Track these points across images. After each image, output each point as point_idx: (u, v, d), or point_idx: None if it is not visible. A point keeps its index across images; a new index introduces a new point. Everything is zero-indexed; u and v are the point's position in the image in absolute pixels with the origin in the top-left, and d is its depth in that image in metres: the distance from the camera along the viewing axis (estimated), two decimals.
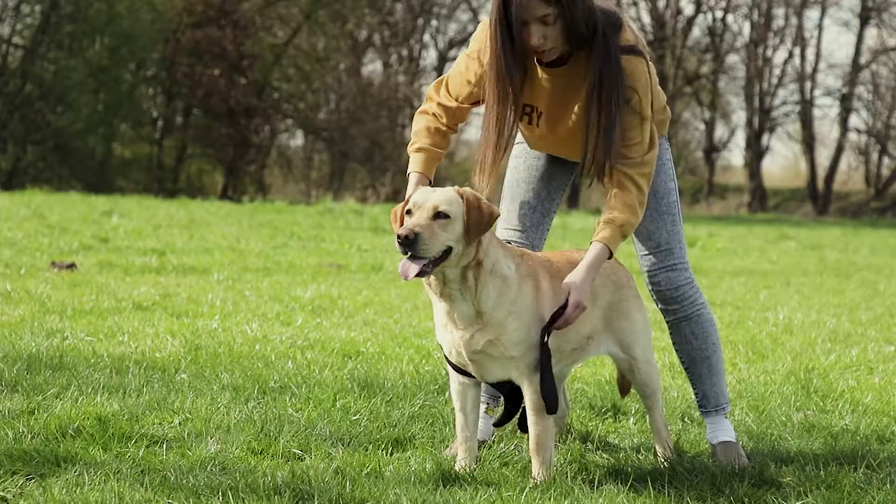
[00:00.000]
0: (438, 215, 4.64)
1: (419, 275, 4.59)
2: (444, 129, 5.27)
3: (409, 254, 4.59)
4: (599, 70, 4.90)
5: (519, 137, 5.61)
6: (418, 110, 5.33)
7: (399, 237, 4.56)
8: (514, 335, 4.77)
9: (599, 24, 4.90)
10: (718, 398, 5.48)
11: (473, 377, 5.01)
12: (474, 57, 5.16)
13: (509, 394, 5.07)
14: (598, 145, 4.95)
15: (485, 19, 5.13)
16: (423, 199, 4.71)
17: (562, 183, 5.56)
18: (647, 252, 5.40)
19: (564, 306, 4.82)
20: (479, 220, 4.68)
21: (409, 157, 5.25)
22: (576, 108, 5.07)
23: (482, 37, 5.13)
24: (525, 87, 5.13)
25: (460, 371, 5.00)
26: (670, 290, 5.35)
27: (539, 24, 4.85)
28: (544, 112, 5.15)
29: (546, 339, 4.80)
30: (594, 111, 4.94)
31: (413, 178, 5.15)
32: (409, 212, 4.73)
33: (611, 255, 4.97)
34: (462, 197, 4.71)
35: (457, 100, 5.24)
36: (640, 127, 4.98)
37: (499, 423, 5.18)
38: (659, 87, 5.33)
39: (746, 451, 5.44)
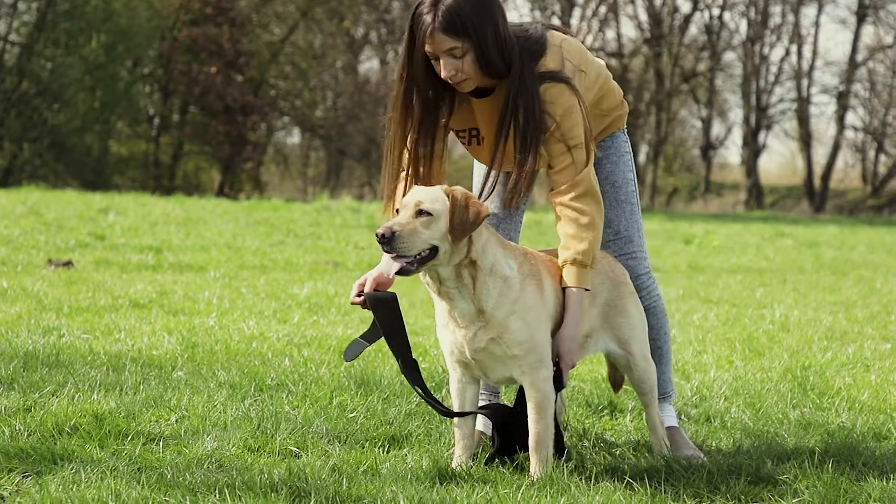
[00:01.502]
0: (421, 213, 4.65)
1: (400, 272, 4.61)
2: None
3: (388, 251, 4.61)
4: (514, 100, 4.91)
5: None
6: None
7: (377, 235, 4.59)
8: (516, 334, 4.77)
9: (515, 52, 4.91)
10: (665, 386, 5.62)
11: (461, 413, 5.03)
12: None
13: (499, 428, 5.08)
14: (516, 174, 5.02)
15: None
16: (410, 198, 4.72)
17: None
18: (605, 240, 5.47)
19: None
20: (463, 220, 4.66)
21: None
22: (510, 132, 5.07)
23: None
24: (460, 116, 5.15)
25: (450, 413, 5.02)
26: (630, 279, 5.40)
27: (449, 57, 4.85)
28: (485, 136, 5.18)
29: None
30: (511, 140, 4.97)
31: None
32: (398, 212, 4.74)
33: (587, 289, 5.01)
34: (449, 196, 4.70)
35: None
36: (566, 152, 4.97)
37: (489, 460, 5.11)
38: (613, 83, 5.36)
39: (743, 448, 5.46)
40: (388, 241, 4.57)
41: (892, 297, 13.80)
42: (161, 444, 5.09)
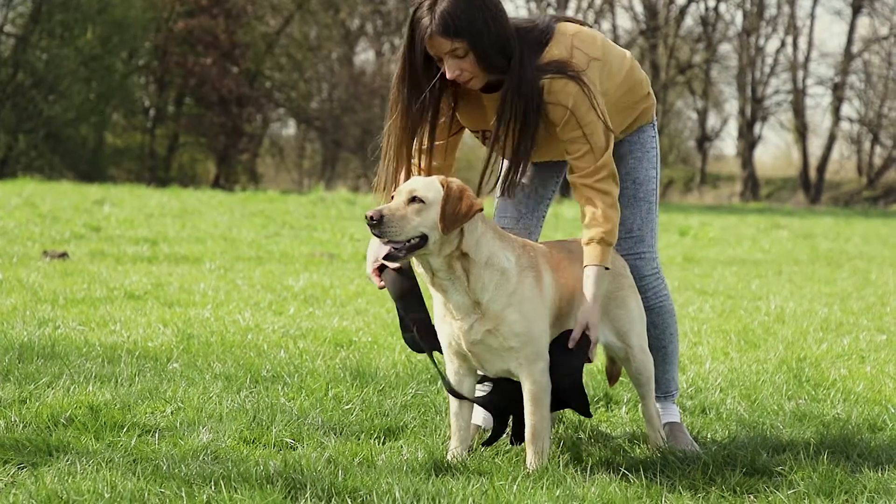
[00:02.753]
0: (413, 200, 4.66)
1: (388, 258, 4.62)
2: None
3: (379, 236, 4.62)
4: (513, 92, 4.93)
5: None
6: None
7: (366, 217, 4.60)
8: (513, 326, 4.77)
9: (515, 47, 4.91)
10: (669, 385, 5.61)
11: (465, 397, 5.03)
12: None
13: (496, 414, 5.10)
14: (512, 162, 5.05)
15: None
16: (405, 185, 4.74)
17: (555, 170, 5.57)
18: (617, 237, 5.44)
19: (582, 342, 4.90)
20: (455, 211, 4.66)
21: None
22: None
23: None
24: (470, 116, 5.18)
25: (455, 394, 5.01)
26: (636, 278, 5.41)
27: (451, 58, 4.88)
28: None
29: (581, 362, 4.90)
30: (501, 130, 4.99)
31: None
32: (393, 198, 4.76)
33: (607, 268, 5.01)
34: (444, 186, 4.71)
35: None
36: (583, 137, 4.98)
37: (488, 443, 5.17)
38: (639, 74, 5.33)
39: (738, 440, 5.46)
40: (377, 224, 4.59)
41: (887, 289, 13.81)
42: (156, 435, 5.09)
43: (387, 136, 5.18)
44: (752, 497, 4.58)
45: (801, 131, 54.37)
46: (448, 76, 4.90)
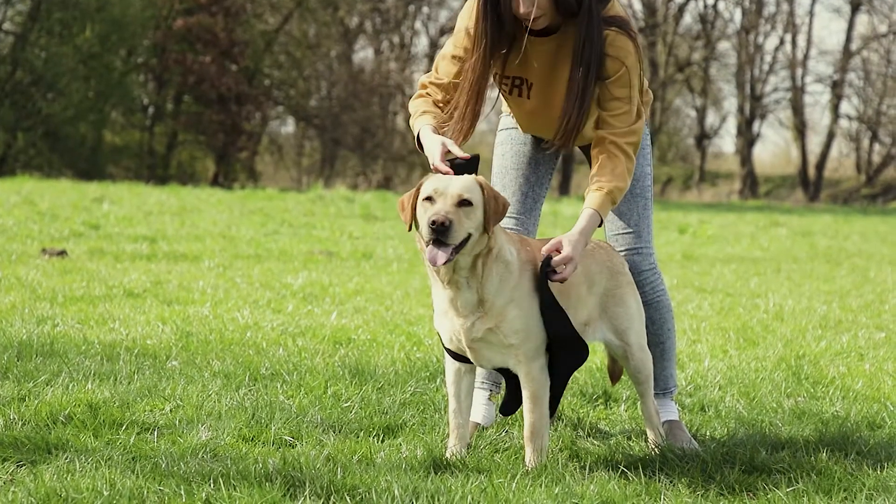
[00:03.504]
0: (462, 203, 4.64)
1: (446, 262, 4.58)
2: (440, 104, 5.28)
3: (435, 240, 4.58)
4: (582, 36, 5.00)
5: (504, 124, 5.65)
6: (411, 98, 5.36)
7: (434, 223, 4.54)
8: (513, 323, 4.77)
9: None
10: (667, 381, 5.63)
11: (470, 363, 5.02)
12: (461, 33, 5.22)
13: (511, 388, 5.08)
14: (573, 110, 5.06)
15: None
16: (444, 186, 4.69)
17: (549, 168, 5.61)
18: (614, 233, 5.53)
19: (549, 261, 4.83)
20: (496, 210, 4.70)
21: (409, 137, 5.26)
22: (563, 77, 5.14)
23: (469, 13, 5.22)
24: (514, 60, 5.22)
25: (458, 357, 5.00)
26: (634, 274, 5.44)
27: None
28: (535, 83, 5.23)
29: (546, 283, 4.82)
30: (575, 75, 5.04)
31: (427, 130, 5.11)
32: (428, 199, 4.69)
33: (601, 223, 5.03)
34: (482, 186, 4.72)
35: (447, 77, 5.28)
36: (627, 98, 5.07)
37: (506, 411, 5.16)
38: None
39: (737, 438, 5.46)
40: (446, 231, 4.55)
41: (885, 286, 13.82)
42: (155, 433, 5.09)
43: (468, 70, 5.18)
44: (750, 494, 4.58)
45: (800, 129, 54.38)
46: (521, 10, 4.98)
